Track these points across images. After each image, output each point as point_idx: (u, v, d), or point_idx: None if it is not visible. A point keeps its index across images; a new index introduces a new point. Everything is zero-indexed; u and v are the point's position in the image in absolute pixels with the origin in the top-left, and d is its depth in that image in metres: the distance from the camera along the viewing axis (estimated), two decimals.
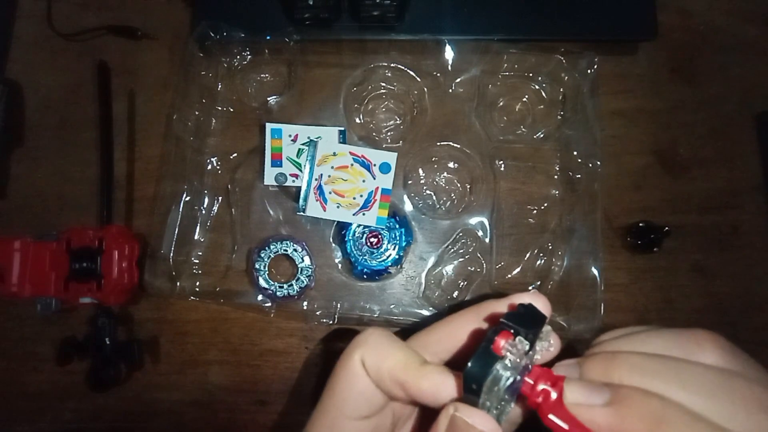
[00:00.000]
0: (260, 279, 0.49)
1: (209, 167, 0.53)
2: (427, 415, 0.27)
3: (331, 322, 0.49)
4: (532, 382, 0.20)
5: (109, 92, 0.54)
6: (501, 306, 0.24)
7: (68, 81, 0.56)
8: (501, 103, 0.55)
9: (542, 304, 0.23)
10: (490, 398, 0.20)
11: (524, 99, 0.55)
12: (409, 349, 0.24)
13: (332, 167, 0.50)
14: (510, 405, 0.21)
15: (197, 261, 0.52)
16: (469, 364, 0.20)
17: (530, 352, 0.21)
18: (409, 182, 0.53)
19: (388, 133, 0.54)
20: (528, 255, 0.51)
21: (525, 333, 0.21)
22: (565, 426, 0.19)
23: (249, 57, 0.55)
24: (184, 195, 0.50)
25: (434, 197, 0.53)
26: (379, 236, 0.50)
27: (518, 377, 0.20)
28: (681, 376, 0.19)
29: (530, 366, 0.21)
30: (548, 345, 0.22)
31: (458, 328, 0.25)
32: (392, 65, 0.54)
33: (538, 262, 0.51)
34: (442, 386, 0.22)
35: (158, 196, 0.52)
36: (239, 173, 0.53)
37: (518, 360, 0.20)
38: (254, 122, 0.54)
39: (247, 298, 0.50)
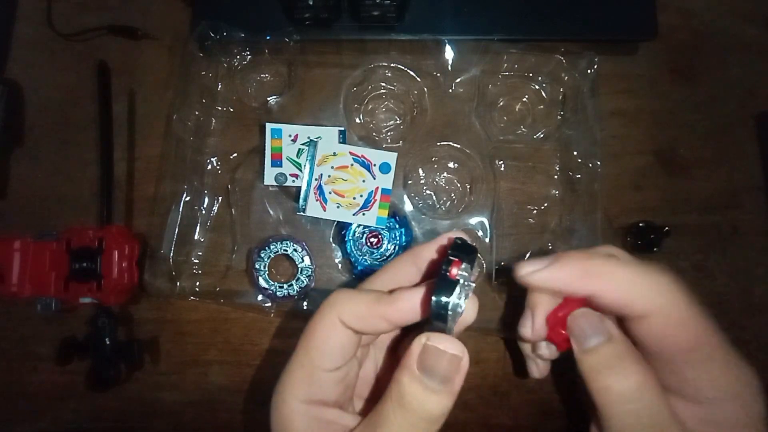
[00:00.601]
0: (260, 279, 0.49)
1: (209, 167, 0.53)
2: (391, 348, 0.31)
3: None
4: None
5: (109, 92, 0.54)
6: (430, 248, 0.29)
7: (68, 81, 0.56)
8: (501, 103, 0.55)
9: (468, 238, 0.28)
10: (453, 322, 0.24)
11: (524, 99, 0.55)
12: (374, 291, 0.28)
13: (332, 167, 0.50)
14: (454, 325, 0.25)
15: (197, 261, 0.52)
16: (434, 295, 0.24)
17: (471, 277, 0.25)
18: (409, 182, 0.53)
19: (388, 133, 0.54)
20: (528, 255, 0.51)
21: (467, 260, 0.25)
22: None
23: (249, 57, 0.55)
24: (184, 195, 0.50)
25: (434, 197, 0.53)
26: (379, 236, 0.50)
27: (465, 299, 0.24)
28: None
29: (469, 290, 0.25)
30: (479, 270, 0.27)
31: (397, 272, 0.30)
32: (392, 65, 0.54)
33: None
34: (412, 302, 0.26)
35: (158, 196, 0.52)
36: (239, 173, 0.53)
37: (467, 283, 0.25)
38: (254, 122, 0.54)
39: (247, 298, 0.50)
